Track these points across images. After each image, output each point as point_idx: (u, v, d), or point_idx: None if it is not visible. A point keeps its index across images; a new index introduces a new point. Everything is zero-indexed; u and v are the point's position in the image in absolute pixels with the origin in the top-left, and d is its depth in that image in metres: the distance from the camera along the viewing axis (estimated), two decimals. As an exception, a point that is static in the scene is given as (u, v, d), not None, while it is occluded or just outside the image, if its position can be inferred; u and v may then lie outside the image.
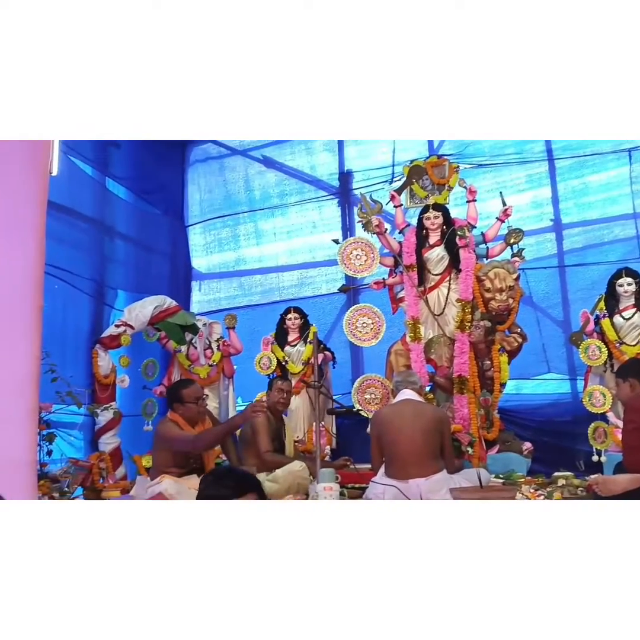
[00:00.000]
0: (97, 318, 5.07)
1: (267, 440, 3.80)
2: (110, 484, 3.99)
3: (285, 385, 4.12)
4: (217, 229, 6.57)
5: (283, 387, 4.07)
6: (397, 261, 4.87)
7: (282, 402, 4.06)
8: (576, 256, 5.59)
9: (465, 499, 2.56)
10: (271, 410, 4.02)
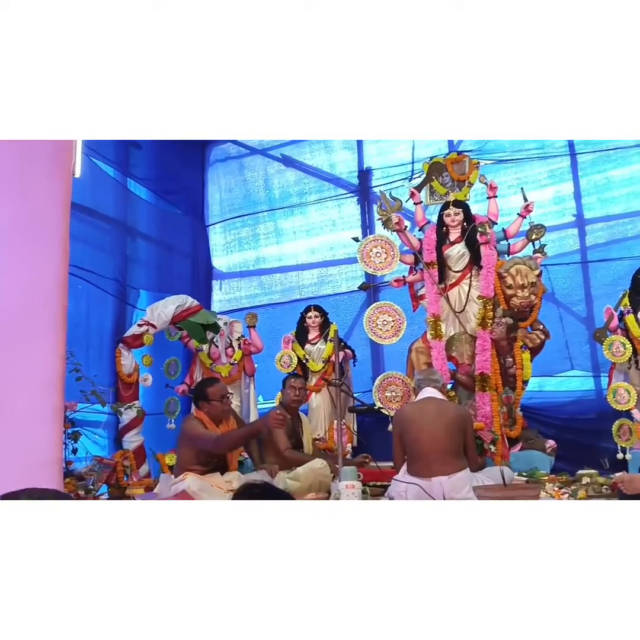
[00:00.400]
0: (120, 317, 5.13)
1: (285, 438, 3.82)
2: (134, 482, 4.03)
3: (298, 382, 4.14)
4: (237, 228, 6.60)
5: (296, 385, 4.10)
6: (418, 258, 4.85)
7: (296, 399, 4.08)
8: (599, 252, 5.52)
9: (489, 498, 2.54)
10: (286, 408, 4.04)
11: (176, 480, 3.25)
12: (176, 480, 3.25)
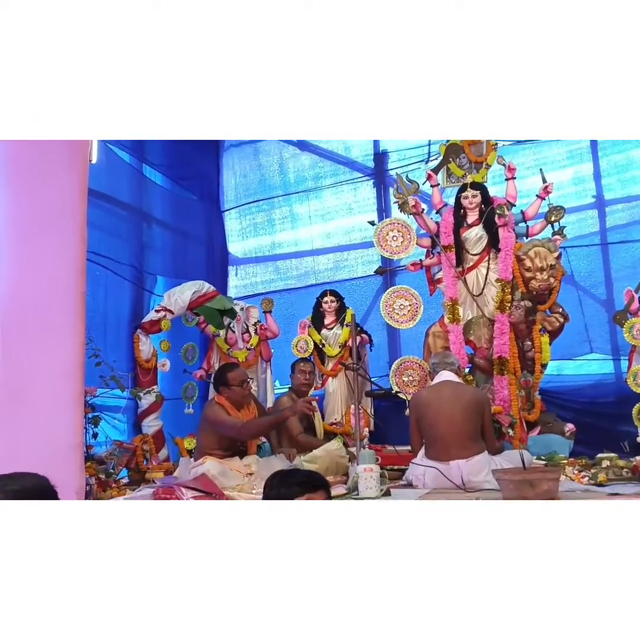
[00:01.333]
0: (137, 303, 5.16)
1: (297, 423, 3.85)
2: (154, 466, 4.08)
3: (308, 366, 4.19)
4: (252, 213, 6.59)
5: (305, 369, 4.14)
6: (435, 242, 4.81)
7: (305, 383, 4.12)
8: (619, 233, 5.42)
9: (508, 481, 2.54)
10: (296, 393, 4.07)
11: (196, 464, 3.29)
12: (196, 464, 3.29)
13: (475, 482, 3.06)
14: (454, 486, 3.07)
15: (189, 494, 2.90)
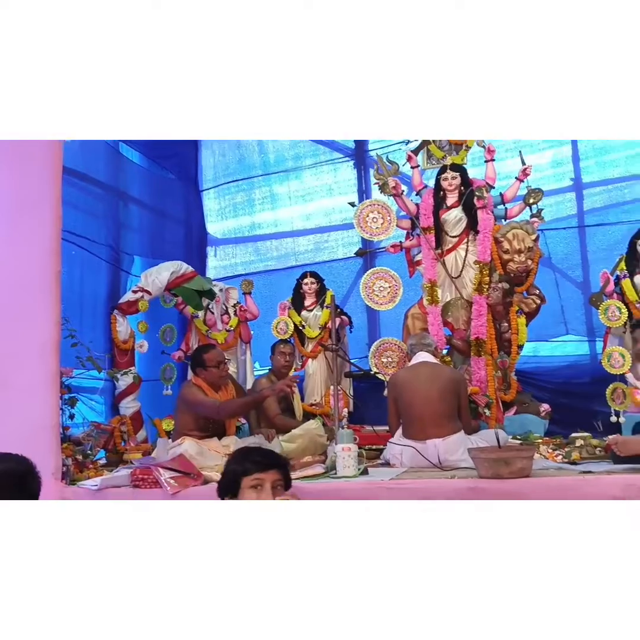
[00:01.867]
0: (114, 284, 5.10)
1: (275, 405, 3.86)
2: (132, 447, 4.07)
3: (288, 348, 4.19)
4: (231, 193, 6.52)
5: (285, 351, 4.14)
6: (414, 223, 4.81)
7: (285, 364, 4.13)
8: (596, 216, 5.48)
9: (484, 459, 2.57)
10: (276, 374, 4.07)
11: (173, 444, 3.28)
12: (173, 444, 3.28)
13: (451, 461, 3.11)
14: (431, 465, 3.11)
15: (166, 474, 2.90)
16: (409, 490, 2.60)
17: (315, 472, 3.08)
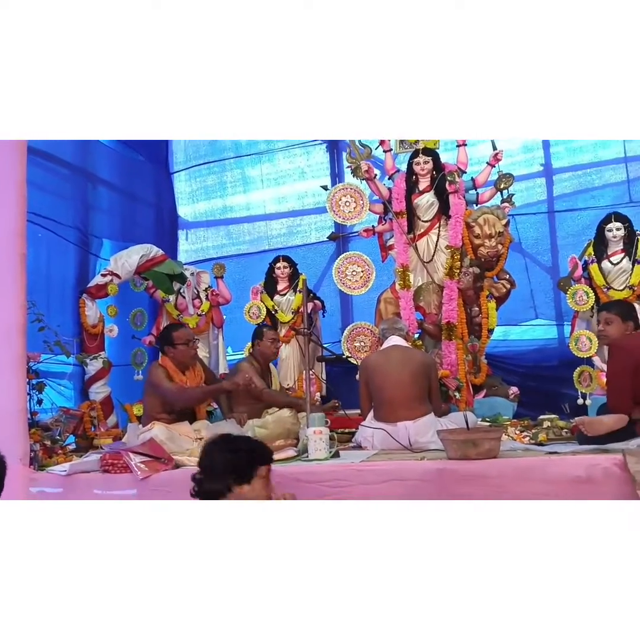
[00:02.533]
0: (82, 267, 5.01)
1: (261, 381, 3.87)
2: (102, 432, 4.03)
3: (275, 334, 4.19)
4: (202, 175, 6.43)
5: (275, 337, 4.14)
6: (387, 208, 4.81)
7: (274, 351, 4.14)
8: (566, 202, 5.55)
9: (452, 440, 2.61)
10: (262, 358, 4.07)
11: (144, 429, 3.26)
12: (144, 429, 3.26)
13: (421, 443, 3.14)
14: (401, 447, 3.14)
15: (137, 459, 2.87)
16: (378, 472, 2.62)
17: (287, 455, 3.09)
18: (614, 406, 2.79)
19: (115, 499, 2.81)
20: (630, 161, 5.36)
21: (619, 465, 2.37)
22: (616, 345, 2.87)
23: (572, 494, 2.38)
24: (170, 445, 3.07)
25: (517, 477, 2.44)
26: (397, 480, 2.53)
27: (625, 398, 2.73)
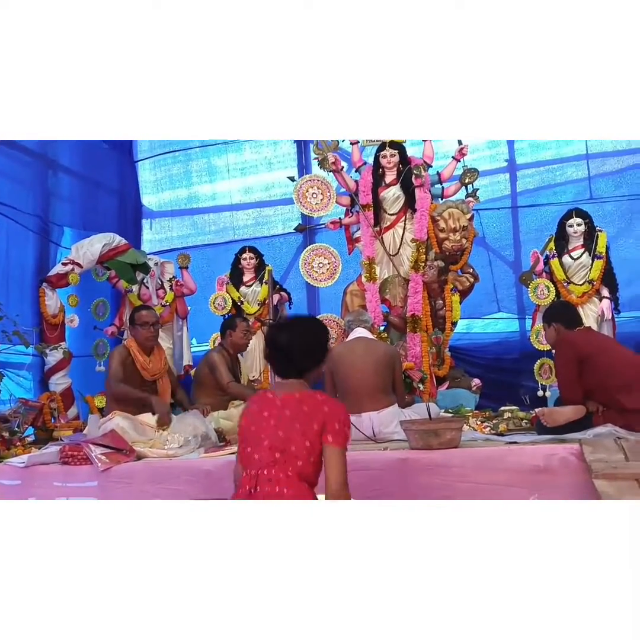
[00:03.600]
0: (42, 256, 4.88)
1: (227, 373, 3.85)
2: (62, 424, 3.96)
3: (249, 326, 4.18)
4: (167, 164, 6.33)
5: (248, 329, 4.13)
6: (354, 200, 4.81)
7: (246, 342, 4.13)
8: (529, 197, 5.65)
9: (415, 430, 2.64)
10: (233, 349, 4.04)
11: (104, 420, 3.21)
12: (104, 420, 3.21)
13: (385, 433, 3.17)
14: (365, 437, 3.16)
15: (97, 450, 2.83)
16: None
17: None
18: (566, 398, 2.87)
19: (76, 492, 2.76)
20: (592, 158, 5.48)
21: (575, 454, 2.43)
22: (560, 341, 2.97)
23: (531, 483, 2.44)
24: (132, 434, 3.03)
25: (478, 467, 2.49)
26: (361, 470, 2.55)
27: (575, 389, 2.81)
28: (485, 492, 2.38)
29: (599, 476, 2.08)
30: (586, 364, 2.80)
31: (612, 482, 2.05)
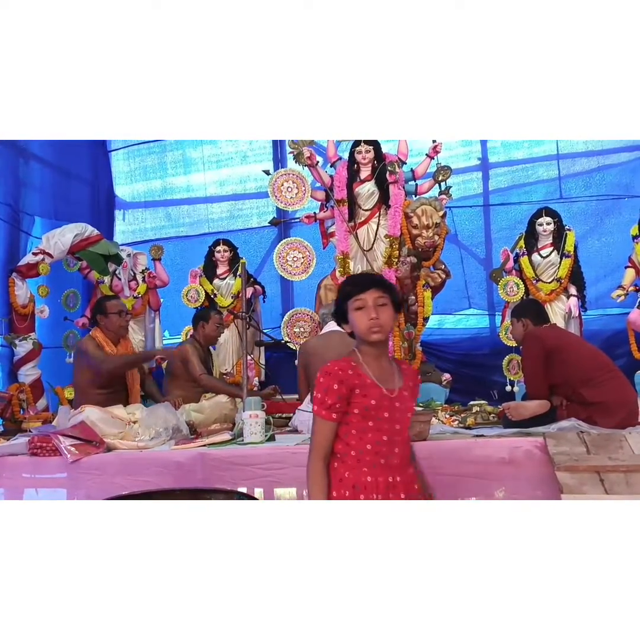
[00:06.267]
0: (12, 245, 4.81)
1: (200, 365, 3.85)
2: (31, 415, 3.91)
3: (222, 319, 4.18)
4: (142, 155, 6.28)
5: (221, 322, 4.13)
6: (329, 195, 4.84)
7: (218, 335, 4.13)
8: (500, 196, 5.74)
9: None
10: (205, 342, 4.04)
11: (75, 412, 3.18)
12: (75, 412, 3.18)
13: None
14: (336, 431, 3.19)
15: (67, 441, 2.80)
16: (313, 455, 2.66)
17: (222, 438, 3.08)
18: (531, 392, 2.94)
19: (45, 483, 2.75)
20: (562, 159, 5.59)
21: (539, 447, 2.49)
22: (528, 336, 3.03)
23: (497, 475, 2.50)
24: (102, 426, 3.01)
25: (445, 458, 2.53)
26: (331, 463, 2.58)
27: (541, 384, 2.88)
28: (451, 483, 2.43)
29: (561, 468, 2.14)
30: (551, 359, 2.87)
31: (574, 474, 2.10)
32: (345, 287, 1.80)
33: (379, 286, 1.73)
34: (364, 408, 1.67)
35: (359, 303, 1.71)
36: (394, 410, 1.71)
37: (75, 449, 2.78)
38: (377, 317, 1.69)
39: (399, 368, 1.82)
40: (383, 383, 1.71)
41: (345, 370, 1.69)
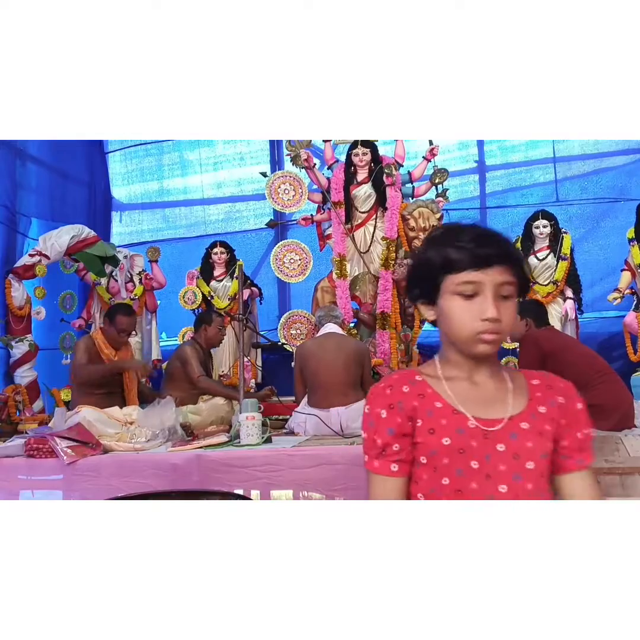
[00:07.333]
0: (9, 246, 4.80)
1: (199, 367, 3.84)
2: (27, 417, 3.90)
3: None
4: (139, 157, 6.28)
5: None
6: (325, 197, 4.84)
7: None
8: (497, 198, 5.76)
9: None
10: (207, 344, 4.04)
11: (71, 413, 3.18)
12: (71, 413, 3.18)
13: (352, 428, 3.20)
14: (333, 432, 3.20)
15: (63, 443, 2.80)
16: (309, 457, 2.66)
17: (219, 440, 3.08)
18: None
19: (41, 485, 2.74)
20: (559, 162, 5.62)
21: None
22: (527, 338, 3.04)
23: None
24: (99, 426, 3.01)
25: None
26: (327, 465, 2.58)
27: None
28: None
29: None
30: (549, 361, 2.88)
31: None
32: (441, 247, 1.01)
33: (507, 263, 1.00)
34: (429, 453, 1.00)
35: (470, 288, 0.99)
36: (492, 457, 0.99)
37: (72, 450, 2.78)
38: (499, 316, 0.99)
39: (525, 383, 1.10)
40: (473, 409, 1.02)
41: (398, 386, 1.03)
